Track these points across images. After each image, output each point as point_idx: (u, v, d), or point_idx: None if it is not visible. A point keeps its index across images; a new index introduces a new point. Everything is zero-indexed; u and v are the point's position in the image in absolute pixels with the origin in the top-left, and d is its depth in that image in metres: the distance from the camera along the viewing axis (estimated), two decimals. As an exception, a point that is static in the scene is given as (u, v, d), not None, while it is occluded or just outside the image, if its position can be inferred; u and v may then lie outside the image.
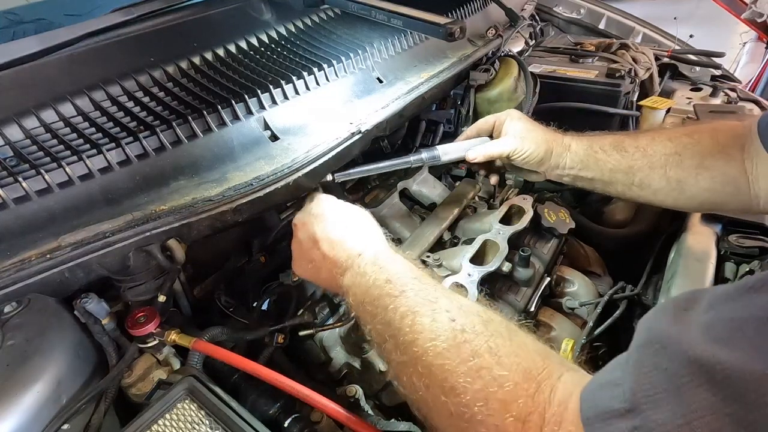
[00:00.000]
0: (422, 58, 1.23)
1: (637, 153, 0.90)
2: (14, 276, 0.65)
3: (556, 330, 1.01)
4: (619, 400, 0.36)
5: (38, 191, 0.71)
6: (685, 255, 0.95)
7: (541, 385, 0.44)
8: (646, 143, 0.89)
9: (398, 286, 0.60)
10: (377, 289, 0.62)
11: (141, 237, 0.73)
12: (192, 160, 0.83)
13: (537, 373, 0.45)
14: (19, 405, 0.62)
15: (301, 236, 0.79)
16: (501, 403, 0.44)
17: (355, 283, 0.66)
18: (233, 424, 0.63)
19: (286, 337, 0.98)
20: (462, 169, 1.52)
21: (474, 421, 0.44)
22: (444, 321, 0.53)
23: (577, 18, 2.05)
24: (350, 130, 0.96)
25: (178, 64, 0.94)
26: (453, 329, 0.52)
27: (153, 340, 0.78)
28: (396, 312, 0.57)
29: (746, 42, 3.59)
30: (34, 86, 0.83)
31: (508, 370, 0.46)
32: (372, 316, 0.61)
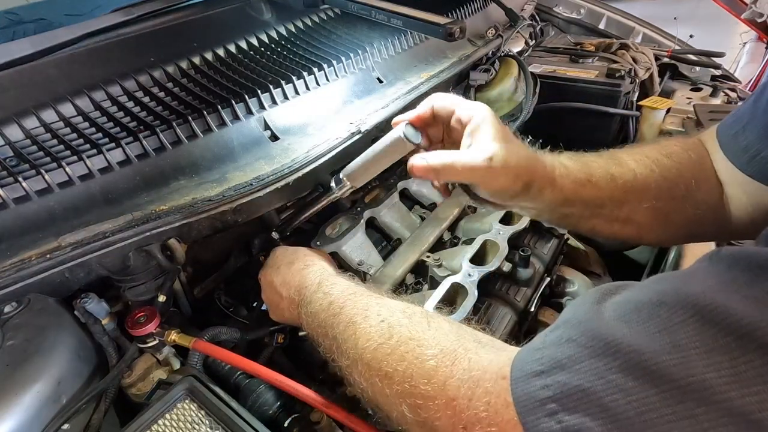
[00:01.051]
0: (422, 58, 1.24)
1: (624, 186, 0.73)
2: (14, 276, 0.65)
3: (556, 330, 1.01)
4: (537, 363, 0.43)
5: (38, 191, 0.71)
6: (684, 255, 0.96)
7: (457, 357, 0.51)
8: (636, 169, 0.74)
9: (338, 305, 0.67)
10: (323, 312, 0.69)
11: (141, 237, 0.73)
12: (192, 160, 0.83)
13: (452, 348, 0.52)
14: (19, 405, 0.62)
15: (265, 288, 0.85)
16: (424, 376, 0.51)
17: (306, 312, 0.73)
18: (233, 424, 0.63)
19: (286, 337, 0.98)
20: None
21: (407, 395, 0.52)
22: (375, 323, 0.61)
23: (577, 18, 2.05)
24: (350, 130, 0.96)
25: (178, 64, 0.94)
26: (382, 328, 0.60)
27: (153, 340, 0.78)
28: (338, 326, 0.65)
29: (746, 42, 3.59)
30: (34, 86, 0.83)
31: (428, 348, 0.53)
32: (323, 336, 0.68)
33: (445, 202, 1.22)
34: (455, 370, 0.49)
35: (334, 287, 0.71)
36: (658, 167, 0.74)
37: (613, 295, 0.45)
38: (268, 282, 0.84)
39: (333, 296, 0.69)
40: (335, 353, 0.65)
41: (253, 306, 1.03)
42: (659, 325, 0.38)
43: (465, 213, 1.23)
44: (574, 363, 0.40)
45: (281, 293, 0.80)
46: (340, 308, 0.66)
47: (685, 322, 0.37)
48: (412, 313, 0.61)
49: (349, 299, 0.67)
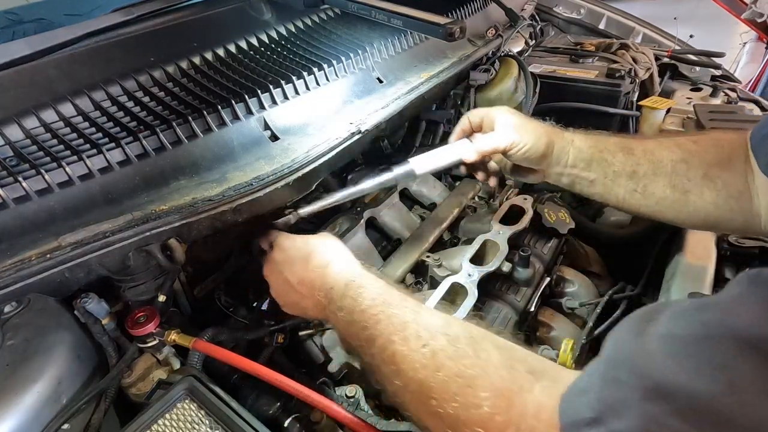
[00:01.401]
0: (422, 58, 1.23)
1: (643, 157, 0.83)
2: (14, 276, 0.65)
3: (556, 330, 1.01)
4: (588, 408, 0.40)
5: (38, 191, 0.71)
6: (685, 255, 0.95)
7: (513, 401, 0.47)
8: (654, 147, 0.83)
9: (372, 317, 0.63)
10: (354, 324, 0.65)
11: (141, 237, 0.73)
12: (192, 160, 0.83)
13: (506, 387, 0.48)
14: (19, 405, 0.62)
15: (276, 286, 0.81)
16: (479, 423, 0.48)
17: (336, 320, 0.70)
18: (233, 424, 0.63)
19: (286, 337, 0.98)
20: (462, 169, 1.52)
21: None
22: (416, 347, 0.57)
23: (577, 18, 2.05)
24: (350, 130, 0.96)
25: (178, 64, 0.94)
26: (425, 355, 0.56)
27: (153, 340, 0.78)
28: (375, 345, 0.61)
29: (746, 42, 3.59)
30: (35, 86, 0.83)
31: (481, 390, 0.49)
32: (359, 351, 0.66)
33: (445, 202, 1.22)
34: (512, 416, 0.46)
35: (362, 292, 0.67)
36: (680, 149, 0.80)
37: (653, 323, 0.42)
38: (282, 280, 0.79)
39: (364, 304, 0.66)
40: (377, 373, 0.62)
41: (253, 306, 1.03)
42: (711, 362, 0.35)
43: (465, 213, 1.23)
44: (626, 408, 0.37)
45: (301, 292, 0.76)
46: (375, 322, 0.62)
47: (739, 358, 0.34)
48: (456, 338, 0.56)
49: (383, 312, 0.63)
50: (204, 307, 1.04)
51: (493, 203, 1.22)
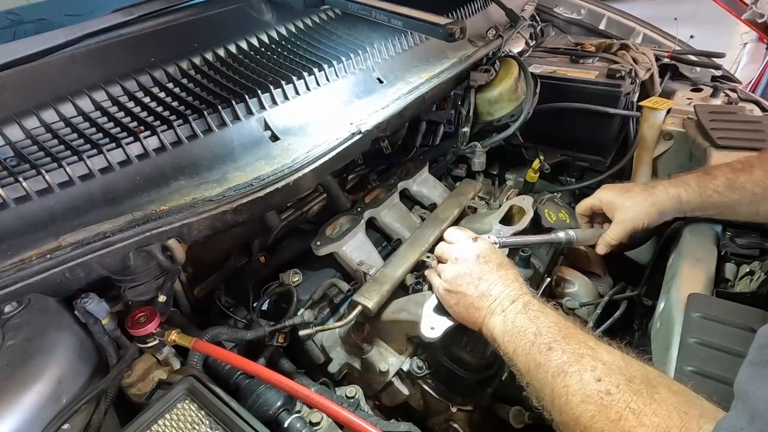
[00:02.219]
0: (422, 58, 1.23)
1: (757, 188, 0.88)
2: (14, 276, 0.65)
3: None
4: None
5: (39, 191, 0.71)
6: (685, 255, 0.95)
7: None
8: (763, 176, 0.88)
9: (546, 342, 0.66)
10: (528, 343, 0.68)
11: (141, 237, 0.73)
12: (192, 160, 0.83)
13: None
14: (20, 405, 0.62)
15: (459, 269, 0.84)
16: None
17: (505, 331, 0.73)
18: (233, 424, 0.63)
19: (286, 337, 0.98)
20: (462, 169, 1.53)
21: None
22: (591, 382, 0.58)
23: (578, 18, 2.05)
24: (350, 130, 0.96)
25: (178, 64, 0.94)
26: (599, 391, 0.57)
27: (153, 340, 0.79)
28: (548, 371, 0.64)
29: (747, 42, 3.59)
30: (35, 86, 0.83)
31: (651, 430, 0.51)
32: (526, 370, 0.68)
33: (446, 202, 1.22)
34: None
35: (541, 317, 0.71)
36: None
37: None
38: (467, 270, 0.82)
39: (540, 327, 0.69)
40: (544, 399, 0.64)
41: (253, 306, 1.03)
42: None
43: (465, 213, 1.23)
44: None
45: (481, 290, 0.79)
46: (549, 347, 0.65)
47: None
48: (631, 377, 0.57)
49: (559, 339, 0.66)
50: (204, 307, 1.04)
51: (493, 203, 1.23)
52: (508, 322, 0.73)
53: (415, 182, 1.30)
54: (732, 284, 0.91)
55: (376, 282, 0.98)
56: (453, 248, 0.88)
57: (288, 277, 1.08)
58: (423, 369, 0.96)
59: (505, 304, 0.76)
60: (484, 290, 0.79)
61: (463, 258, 0.84)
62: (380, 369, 0.96)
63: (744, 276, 0.91)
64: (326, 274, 1.11)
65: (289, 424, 0.74)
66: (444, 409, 0.96)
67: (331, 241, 1.07)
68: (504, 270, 0.82)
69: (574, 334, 0.66)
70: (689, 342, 0.74)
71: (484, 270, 0.81)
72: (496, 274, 0.81)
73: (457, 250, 0.86)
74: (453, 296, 0.83)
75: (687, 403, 0.53)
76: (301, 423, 0.74)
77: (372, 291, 0.96)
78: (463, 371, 0.91)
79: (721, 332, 0.74)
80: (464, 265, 0.83)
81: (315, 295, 1.04)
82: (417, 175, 1.30)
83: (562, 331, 0.67)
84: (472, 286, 0.80)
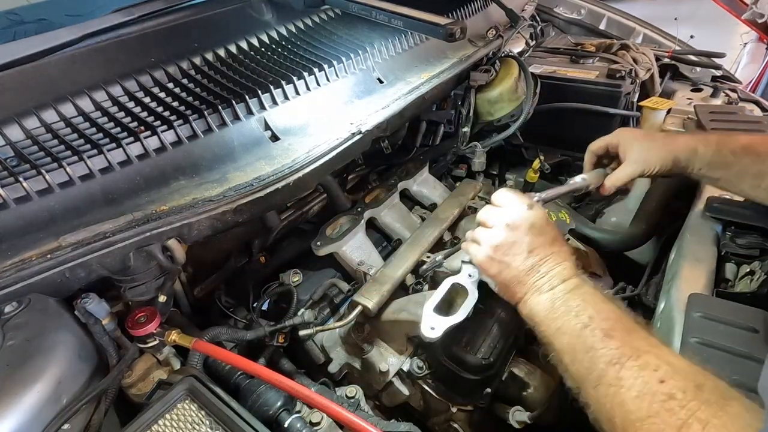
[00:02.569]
0: (423, 58, 1.23)
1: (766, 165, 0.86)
2: (15, 276, 0.65)
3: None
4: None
5: (39, 191, 0.71)
6: (685, 255, 0.95)
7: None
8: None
9: (605, 328, 0.62)
10: (579, 324, 0.64)
11: (141, 237, 0.73)
12: (192, 160, 0.83)
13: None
14: (20, 405, 0.62)
15: (509, 236, 0.77)
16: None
17: (553, 308, 0.69)
18: (233, 424, 0.63)
19: (286, 337, 0.98)
20: (462, 169, 1.52)
21: None
22: (653, 382, 0.54)
23: (578, 18, 2.05)
24: (351, 130, 0.96)
25: (178, 64, 0.94)
26: (662, 393, 0.52)
27: (153, 340, 0.79)
28: (601, 358, 0.59)
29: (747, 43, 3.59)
30: (35, 86, 0.83)
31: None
32: (571, 350, 0.64)
33: (446, 202, 1.22)
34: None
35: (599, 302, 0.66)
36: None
37: None
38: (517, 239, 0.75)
39: (598, 311, 0.65)
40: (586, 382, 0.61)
41: (253, 306, 1.03)
42: None
43: (465, 213, 1.23)
44: None
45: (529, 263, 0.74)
46: (605, 334, 0.61)
47: None
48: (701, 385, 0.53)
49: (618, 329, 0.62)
50: (204, 307, 1.04)
51: (493, 204, 1.22)
52: (558, 301, 0.69)
53: (415, 182, 1.30)
54: (732, 284, 0.91)
55: (376, 282, 0.98)
56: (503, 213, 0.79)
57: (288, 277, 1.08)
58: (423, 369, 0.96)
59: (555, 282, 0.71)
60: (533, 264, 0.74)
61: (515, 225, 0.76)
62: (380, 369, 0.96)
63: (744, 276, 0.92)
64: (326, 274, 1.11)
65: (290, 424, 0.74)
66: (444, 409, 0.96)
67: (331, 241, 1.07)
68: (558, 246, 0.76)
69: (636, 329, 0.62)
70: (691, 342, 0.74)
71: (536, 242, 0.75)
72: (548, 249, 0.74)
73: (509, 216, 0.78)
74: (496, 265, 0.77)
75: (759, 420, 0.48)
76: (302, 423, 0.74)
77: (372, 291, 0.96)
78: (463, 371, 0.91)
79: (723, 332, 0.74)
80: (515, 234, 0.76)
81: (315, 295, 1.04)
82: (417, 175, 1.30)
83: (623, 322, 0.63)
84: (520, 258, 0.74)
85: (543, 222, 0.78)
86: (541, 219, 0.78)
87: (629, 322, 0.64)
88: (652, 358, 0.56)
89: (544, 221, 0.78)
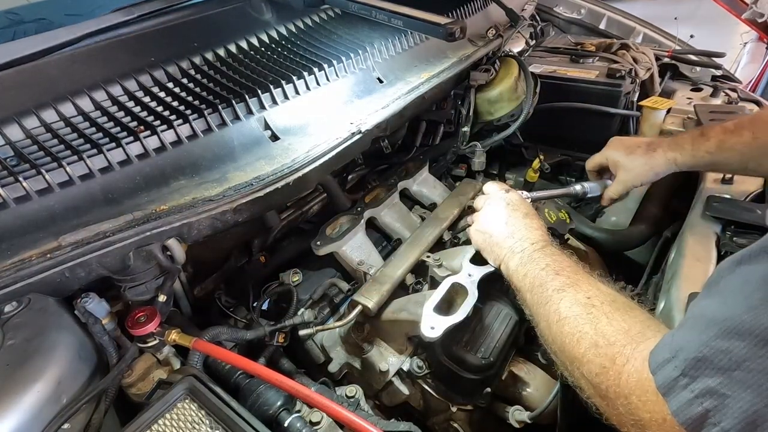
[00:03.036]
0: (422, 58, 1.23)
1: (745, 148, 0.96)
2: (15, 275, 0.65)
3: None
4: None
5: (39, 191, 0.71)
6: (685, 255, 0.95)
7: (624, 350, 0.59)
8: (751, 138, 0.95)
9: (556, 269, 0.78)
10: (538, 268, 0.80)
11: (141, 237, 0.73)
12: (192, 160, 0.83)
13: (622, 343, 0.61)
14: (20, 404, 0.62)
15: (490, 212, 0.96)
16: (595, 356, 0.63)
17: (520, 263, 0.84)
18: (233, 424, 0.63)
19: (286, 337, 0.98)
20: (462, 169, 1.52)
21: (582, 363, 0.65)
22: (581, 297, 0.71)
23: (578, 18, 2.06)
24: (350, 130, 0.96)
25: (178, 63, 0.94)
26: (584, 302, 0.69)
27: (153, 340, 0.79)
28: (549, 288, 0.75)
29: (747, 42, 3.59)
30: (35, 86, 0.83)
31: (604, 338, 0.63)
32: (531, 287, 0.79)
33: (446, 202, 1.22)
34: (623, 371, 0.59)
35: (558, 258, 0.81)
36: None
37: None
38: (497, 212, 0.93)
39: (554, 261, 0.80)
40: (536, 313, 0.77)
41: (253, 306, 1.03)
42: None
43: (465, 213, 1.23)
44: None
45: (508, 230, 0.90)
46: (556, 273, 0.77)
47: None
48: (615, 299, 0.69)
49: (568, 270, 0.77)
50: (204, 307, 1.04)
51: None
52: (526, 257, 0.84)
53: (415, 182, 1.30)
54: (732, 284, 0.91)
55: (376, 282, 0.98)
56: (487, 198, 1.00)
57: (288, 276, 1.08)
58: (423, 369, 0.96)
59: (525, 244, 0.86)
60: (509, 232, 0.89)
61: (495, 203, 0.96)
62: (380, 369, 0.96)
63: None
64: (326, 274, 1.11)
65: (289, 423, 0.74)
66: (444, 408, 0.96)
67: (331, 240, 1.07)
68: (529, 219, 0.92)
69: (580, 272, 0.78)
70: (689, 342, 0.74)
71: (511, 215, 0.92)
72: (522, 221, 0.91)
73: (491, 199, 0.98)
74: (481, 235, 0.95)
75: (653, 326, 0.62)
76: (301, 423, 0.74)
77: (372, 291, 0.96)
78: (463, 371, 0.91)
79: (722, 332, 0.74)
80: (495, 211, 0.95)
81: (315, 295, 1.04)
82: (417, 175, 1.30)
83: (572, 267, 0.78)
84: (499, 228, 0.91)
85: (517, 201, 0.96)
86: (516, 199, 0.97)
87: (577, 267, 0.79)
88: (586, 286, 0.73)
89: (518, 201, 0.97)
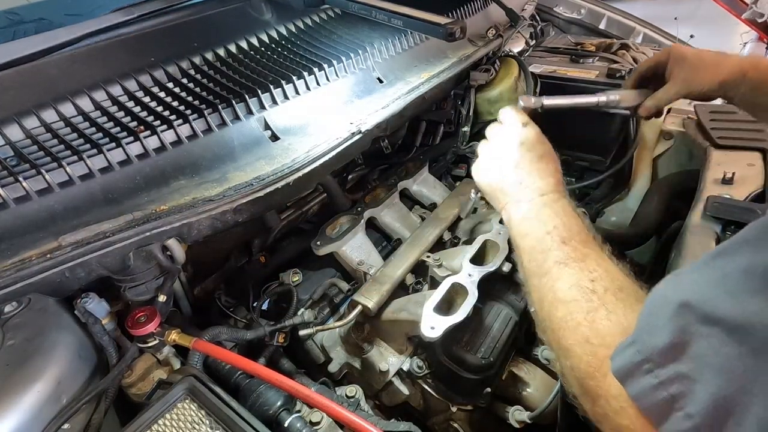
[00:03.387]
0: (422, 58, 1.23)
1: None
2: (15, 276, 0.65)
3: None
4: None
5: (39, 191, 0.71)
6: (685, 255, 0.95)
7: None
8: None
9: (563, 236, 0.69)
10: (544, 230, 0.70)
11: (141, 237, 0.73)
12: (192, 160, 0.83)
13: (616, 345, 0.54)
14: (20, 404, 0.62)
15: (500, 150, 0.82)
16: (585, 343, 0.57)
17: (524, 218, 0.74)
18: (233, 424, 0.63)
19: (286, 337, 0.98)
20: (462, 169, 1.52)
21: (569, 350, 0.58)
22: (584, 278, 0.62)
23: (578, 18, 2.05)
24: (350, 130, 0.96)
25: (178, 63, 0.94)
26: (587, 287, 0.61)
27: (153, 340, 0.78)
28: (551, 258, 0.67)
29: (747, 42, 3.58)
30: (35, 86, 0.83)
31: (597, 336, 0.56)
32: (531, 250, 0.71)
33: (446, 202, 1.22)
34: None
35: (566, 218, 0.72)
36: None
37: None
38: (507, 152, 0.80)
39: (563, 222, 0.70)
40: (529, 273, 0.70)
41: (253, 306, 1.03)
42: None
43: (465, 213, 1.23)
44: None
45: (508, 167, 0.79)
46: (562, 241, 0.68)
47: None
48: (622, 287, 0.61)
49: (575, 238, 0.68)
50: (204, 307, 1.04)
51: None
52: (532, 211, 0.73)
53: (415, 182, 1.30)
54: (732, 284, 0.91)
55: (376, 282, 0.98)
56: (501, 129, 0.85)
57: (288, 276, 1.08)
58: (423, 369, 0.96)
59: (533, 195, 0.75)
60: (517, 178, 0.78)
61: (507, 139, 0.82)
62: (380, 369, 0.96)
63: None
64: (326, 274, 1.11)
65: (289, 423, 0.74)
66: (444, 408, 0.96)
67: (331, 240, 1.07)
68: (544, 163, 0.79)
69: (591, 242, 0.69)
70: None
71: (524, 158, 0.79)
72: (534, 165, 0.78)
73: (505, 132, 0.84)
74: (485, 175, 0.83)
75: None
76: (301, 423, 0.74)
77: (372, 291, 0.96)
78: (463, 371, 0.91)
79: (722, 332, 0.74)
80: (506, 148, 0.81)
81: (315, 295, 1.04)
82: (417, 175, 1.30)
83: (582, 235, 0.69)
84: (508, 170, 0.79)
85: (534, 139, 0.81)
86: (533, 136, 0.81)
87: (587, 236, 0.70)
88: (593, 264, 0.64)
89: (536, 139, 0.81)
